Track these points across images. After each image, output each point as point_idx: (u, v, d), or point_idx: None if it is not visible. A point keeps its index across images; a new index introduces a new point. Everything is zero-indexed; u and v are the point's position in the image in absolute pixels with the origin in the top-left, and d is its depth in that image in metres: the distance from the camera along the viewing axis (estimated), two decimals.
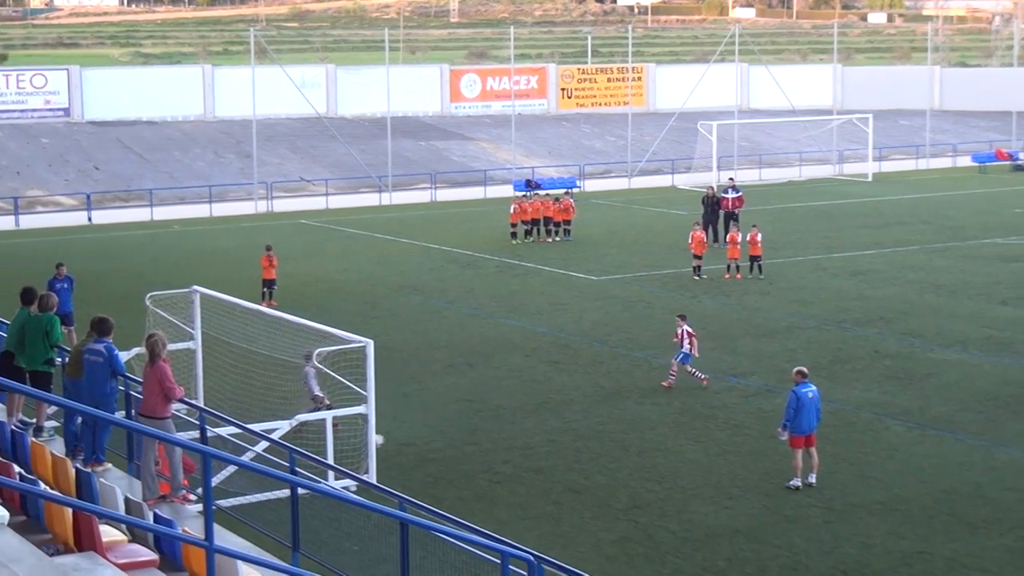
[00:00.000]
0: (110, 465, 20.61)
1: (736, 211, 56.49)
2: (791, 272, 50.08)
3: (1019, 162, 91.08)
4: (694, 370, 34.43)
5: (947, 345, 38.74)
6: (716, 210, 56.74)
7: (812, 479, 26.92)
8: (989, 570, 22.79)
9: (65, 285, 37.08)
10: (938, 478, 27.45)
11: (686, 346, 34.24)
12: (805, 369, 27.79)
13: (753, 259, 48.93)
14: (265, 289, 44.42)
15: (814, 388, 27.23)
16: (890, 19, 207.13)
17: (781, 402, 29.15)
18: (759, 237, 48.94)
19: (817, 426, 27.20)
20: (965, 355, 37.56)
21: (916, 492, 26.63)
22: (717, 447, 29.64)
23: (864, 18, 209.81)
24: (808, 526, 24.84)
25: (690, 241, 49.56)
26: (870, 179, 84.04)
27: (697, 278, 48.52)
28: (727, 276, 48.83)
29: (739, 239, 49.08)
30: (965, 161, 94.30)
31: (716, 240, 54.65)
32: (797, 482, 26.82)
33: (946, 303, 44.68)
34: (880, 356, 37.53)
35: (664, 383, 34.47)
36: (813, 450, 27.08)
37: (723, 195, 57.49)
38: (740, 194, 57.82)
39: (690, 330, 34.38)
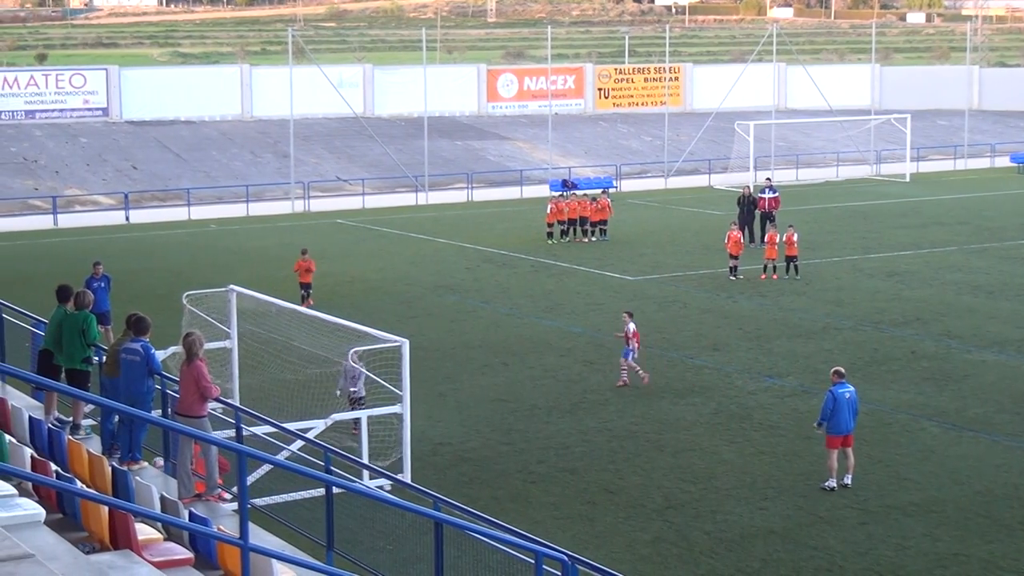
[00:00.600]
0: (146, 464, 20.70)
1: (773, 212, 56.42)
2: (828, 273, 49.93)
3: None
4: (637, 367, 34.69)
5: (984, 346, 38.59)
6: (752, 210, 56.63)
7: (848, 480, 26.88)
8: None
9: (102, 284, 37.27)
10: (974, 480, 27.36)
11: (632, 344, 34.54)
12: (842, 369, 27.79)
13: (789, 259, 48.81)
14: (304, 292, 44.06)
15: (852, 388, 27.15)
16: (929, 19, 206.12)
17: (817, 403, 29.07)
18: (795, 238, 48.83)
19: (855, 427, 27.15)
20: (1003, 356, 37.42)
21: (952, 494, 26.56)
22: (752, 448, 29.60)
23: (902, 18, 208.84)
24: (843, 527, 24.79)
25: (726, 241, 49.49)
26: (908, 179, 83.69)
27: (733, 278, 48.44)
28: (763, 276, 48.73)
29: (777, 240, 49.02)
30: (1004, 161, 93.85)
31: (752, 240, 54.56)
32: (832, 483, 26.79)
33: (984, 304, 44.50)
34: (917, 357, 37.42)
35: (619, 383, 34.73)
36: (849, 451, 27.03)
37: (760, 195, 57.44)
38: (777, 194, 57.72)
39: (635, 329, 34.62)
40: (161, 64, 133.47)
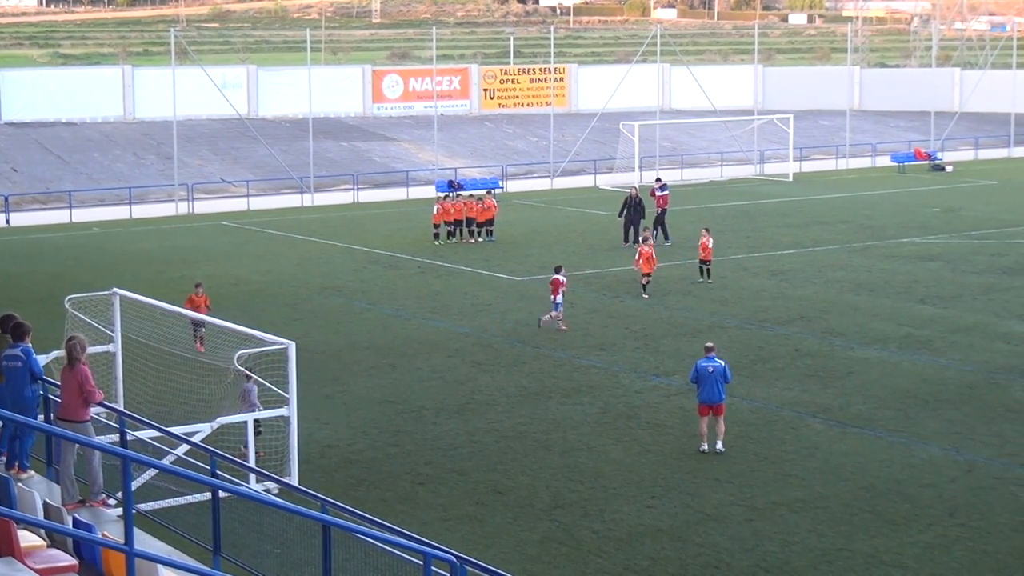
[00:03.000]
0: (34, 473, 20.40)
1: (664, 209, 57.27)
2: (713, 272, 50.22)
3: (937, 162, 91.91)
4: (557, 316, 40.51)
5: (866, 343, 39.07)
6: (639, 210, 56.81)
7: (719, 446, 28.59)
8: (908, 566, 23.02)
9: None
10: (858, 475, 27.70)
11: (560, 296, 40.46)
12: (711, 344, 29.93)
13: (703, 263, 48.55)
14: (194, 332, 36.82)
15: (719, 362, 28.97)
16: (810, 20, 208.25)
17: None
18: (710, 242, 48.53)
19: (724, 398, 28.92)
20: (884, 353, 37.90)
21: (836, 490, 26.87)
22: (640, 446, 29.76)
23: (784, 19, 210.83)
24: (730, 524, 24.99)
25: (637, 258, 46.61)
26: (791, 179, 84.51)
27: (646, 296, 46.05)
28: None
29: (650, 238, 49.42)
30: (884, 161, 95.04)
31: (637, 240, 54.49)
32: (704, 446, 28.72)
33: (865, 302, 45.05)
34: (800, 355, 37.81)
35: (559, 326, 40.56)
36: (720, 419, 28.87)
37: (653, 191, 58.50)
38: (666, 192, 58.51)
39: (563, 279, 40.66)
40: (41, 65, 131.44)
